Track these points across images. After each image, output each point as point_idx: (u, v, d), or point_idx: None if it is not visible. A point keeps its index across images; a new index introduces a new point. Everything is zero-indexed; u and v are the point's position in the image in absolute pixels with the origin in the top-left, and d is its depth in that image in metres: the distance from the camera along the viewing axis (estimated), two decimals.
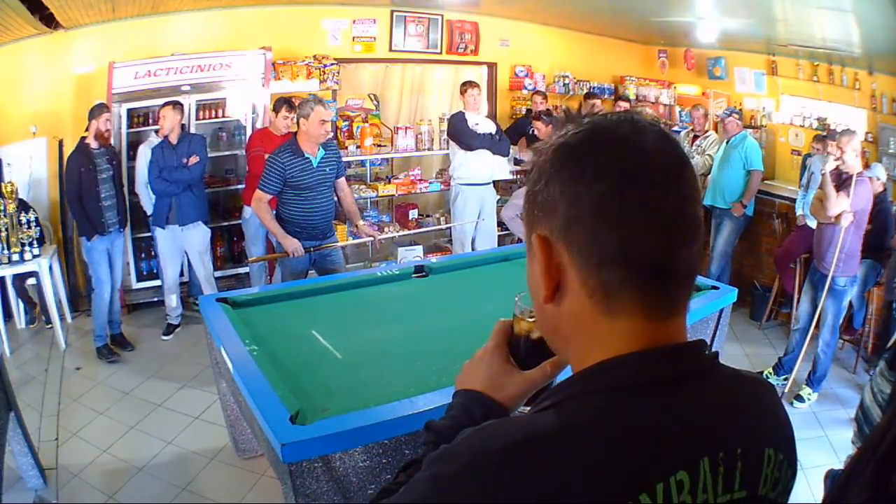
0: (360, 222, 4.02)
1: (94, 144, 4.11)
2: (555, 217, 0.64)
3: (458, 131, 5.05)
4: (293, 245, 3.62)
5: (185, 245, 4.51)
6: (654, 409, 0.61)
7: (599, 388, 0.63)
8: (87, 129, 4.13)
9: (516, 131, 6.09)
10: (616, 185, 0.61)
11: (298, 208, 3.70)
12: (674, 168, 0.64)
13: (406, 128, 5.76)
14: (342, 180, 3.92)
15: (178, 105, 4.35)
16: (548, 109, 6.03)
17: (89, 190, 4.08)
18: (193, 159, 4.31)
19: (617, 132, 0.64)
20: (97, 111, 4.11)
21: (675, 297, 0.65)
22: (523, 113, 6.45)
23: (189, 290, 4.97)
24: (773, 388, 0.75)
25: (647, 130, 0.64)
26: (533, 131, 5.87)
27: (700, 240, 0.66)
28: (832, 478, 1.80)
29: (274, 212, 3.76)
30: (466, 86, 5.12)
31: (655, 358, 0.63)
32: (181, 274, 4.82)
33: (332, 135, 3.60)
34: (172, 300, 4.63)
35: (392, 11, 5.89)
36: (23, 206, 4.30)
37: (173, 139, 4.29)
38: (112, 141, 4.49)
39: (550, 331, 0.71)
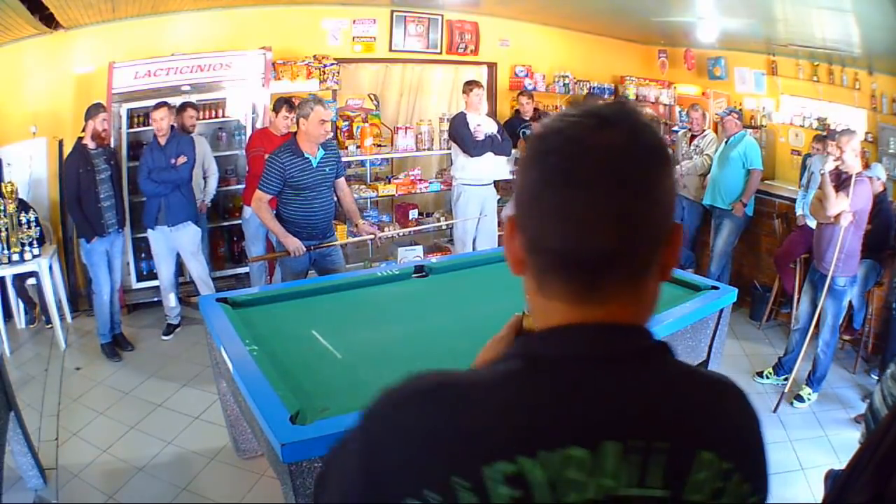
0: (360, 221, 4.01)
1: (91, 145, 4.10)
2: (515, 200, 0.70)
3: (460, 136, 5.05)
4: (294, 244, 3.62)
5: (176, 245, 4.50)
6: (558, 381, 0.63)
7: (518, 354, 0.68)
8: (83, 130, 4.13)
9: (508, 132, 6.09)
10: (541, 176, 0.65)
11: (298, 208, 3.69)
12: (603, 157, 0.62)
13: (406, 128, 5.76)
14: (342, 180, 3.92)
15: (171, 105, 4.35)
16: (536, 109, 6.05)
17: (88, 191, 4.07)
18: (181, 159, 4.30)
19: (559, 124, 0.66)
20: (93, 111, 4.10)
21: (600, 285, 0.65)
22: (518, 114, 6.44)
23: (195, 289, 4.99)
24: (741, 395, 0.70)
25: (587, 119, 0.64)
26: (524, 132, 5.84)
27: (638, 232, 0.64)
28: (832, 478, 1.80)
29: (274, 211, 3.76)
30: (472, 85, 5.11)
31: (576, 334, 0.65)
32: (181, 274, 4.82)
33: (331, 135, 3.61)
34: (171, 300, 4.63)
35: (392, 11, 5.89)
36: (23, 206, 4.30)
37: (162, 140, 4.29)
38: (112, 141, 4.49)
39: (526, 299, 0.76)
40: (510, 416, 0.61)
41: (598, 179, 0.62)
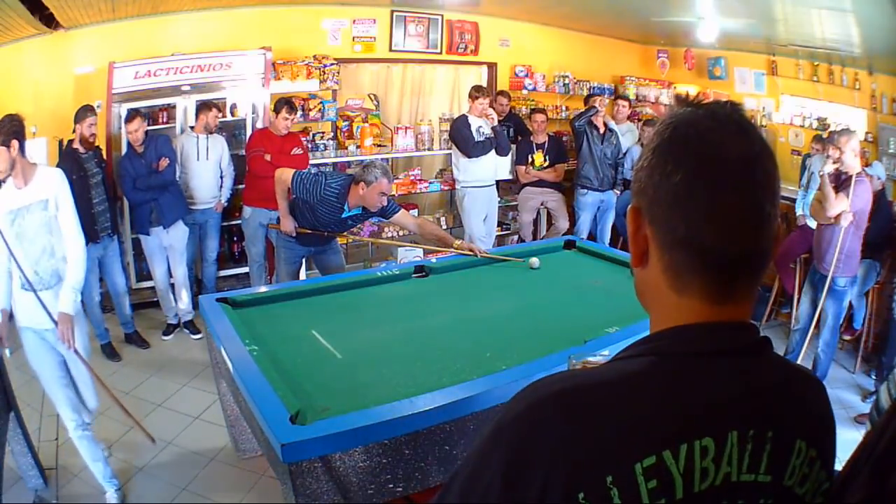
0: (457, 242, 3.78)
1: (81, 149, 4.08)
2: (645, 195, 0.72)
3: (461, 138, 5.07)
4: (288, 227, 3.74)
5: (167, 245, 4.49)
6: (692, 375, 0.66)
7: (651, 351, 0.70)
8: (73, 132, 4.11)
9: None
10: (688, 178, 0.68)
11: (304, 220, 3.74)
12: (746, 163, 0.68)
13: (406, 128, 5.76)
14: (399, 216, 3.76)
15: (144, 114, 4.36)
16: (511, 109, 6.05)
17: (81, 197, 4.00)
18: (164, 162, 4.29)
19: (697, 127, 0.70)
20: (81, 115, 4.06)
21: (736, 285, 0.69)
22: (525, 113, 6.43)
23: (198, 288, 5.00)
24: (822, 388, 0.78)
25: (726, 126, 0.69)
26: (512, 130, 5.79)
27: (768, 233, 0.69)
28: (835, 478, 1.80)
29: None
30: (479, 93, 5.14)
31: (704, 331, 0.69)
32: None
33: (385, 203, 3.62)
34: (169, 300, 4.63)
35: (392, 11, 5.89)
36: None
37: (139, 147, 4.26)
38: (111, 141, 4.47)
39: (639, 294, 0.78)
40: (655, 414, 0.64)
41: (743, 185, 0.67)
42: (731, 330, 0.70)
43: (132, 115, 4.25)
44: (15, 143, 2.55)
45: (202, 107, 4.74)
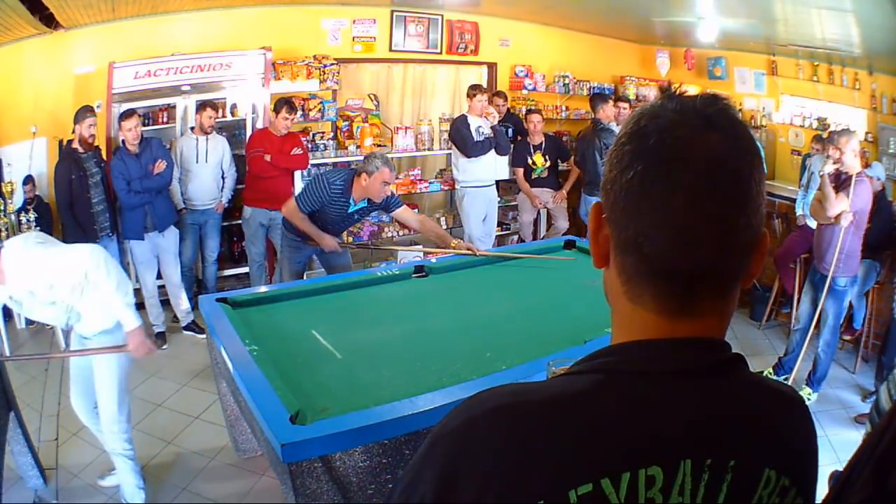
0: (454, 242, 3.78)
1: (80, 149, 4.07)
2: (605, 191, 0.65)
3: (460, 137, 5.07)
4: (330, 244, 3.66)
5: (160, 250, 4.44)
6: (640, 397, 0.61)
7: (598, 368, 0.64)
8: (73, 132, 4.10)
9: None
10: (643, 177, 0.60)
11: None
12: (711, 165, 0.60)
13: (406, 128, 5.76)
14: (400, 211, 3.76)
15: (140, 113, 4.31)
16: (508, 110, 6.05)
17: (81, 197, 4.01)
18: (161, 164, 4.25)
19: (660, 121, 0.62)
20: (80, 116, 4.05)
21: (694, 299, 0.62)
22: (524, 113, 6.44)
23: (198, 288, 5.00)
24: (802, 408, 0.70)
25: (693, 121, 0.61)
26: (511, 130, 5.78)
27: (736, 246, 0.61)
28: (835, 478, 1.80)
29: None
30: (475, 90, 5.14)
31: (657, 348, 0.63)
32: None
33: (389, 193, 3.60)
34: (159, 307, 4.60)
35: (392, 11, 5.89)
36: (23, 206, 4.29)
37: (133, 147, 4.19)
38: (110, 141, 4.47)
39: (606, 295, 0.71)
40: (595, 438, 0.59)
41: (705, 189, 0.59)
42: (690, 348, 0.62)
43: (129, 112, 4.19)
44: None
45: (198, 107, 4.73)
